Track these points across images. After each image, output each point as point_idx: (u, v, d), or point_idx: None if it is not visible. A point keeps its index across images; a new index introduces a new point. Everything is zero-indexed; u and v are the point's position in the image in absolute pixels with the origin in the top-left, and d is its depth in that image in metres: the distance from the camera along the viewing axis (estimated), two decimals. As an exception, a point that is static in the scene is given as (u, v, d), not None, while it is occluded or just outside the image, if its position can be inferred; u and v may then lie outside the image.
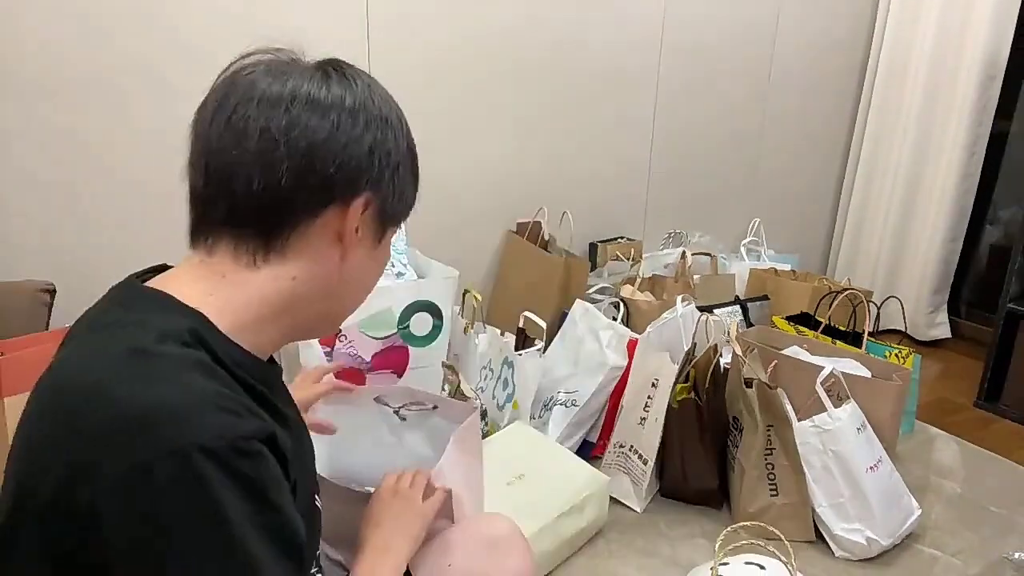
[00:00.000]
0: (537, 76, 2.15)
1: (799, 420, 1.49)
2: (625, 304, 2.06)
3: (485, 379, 1.79)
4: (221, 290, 0.60)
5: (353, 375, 1.70)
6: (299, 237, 0.61)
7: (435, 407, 1.11)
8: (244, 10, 1.67)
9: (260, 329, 0.62)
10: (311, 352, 1.66)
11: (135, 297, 0.60)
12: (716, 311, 1.98)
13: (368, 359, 1.72)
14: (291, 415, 0.67)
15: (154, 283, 0.61)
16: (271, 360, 0.68)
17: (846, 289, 1.94)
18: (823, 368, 1.51)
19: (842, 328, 1.97)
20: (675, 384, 1.56)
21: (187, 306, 0.58)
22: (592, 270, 2.28)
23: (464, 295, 1.93)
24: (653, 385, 1.60)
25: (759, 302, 2.21)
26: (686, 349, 1.62)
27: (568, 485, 1.44)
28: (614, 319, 1.94)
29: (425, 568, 0.85)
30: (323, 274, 0.63)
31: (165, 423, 0.49)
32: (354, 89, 0.62)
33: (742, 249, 2.59)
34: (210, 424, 0.51)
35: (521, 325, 1.77)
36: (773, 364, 1.62)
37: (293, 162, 0.58)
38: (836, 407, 1.47)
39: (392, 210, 0.66)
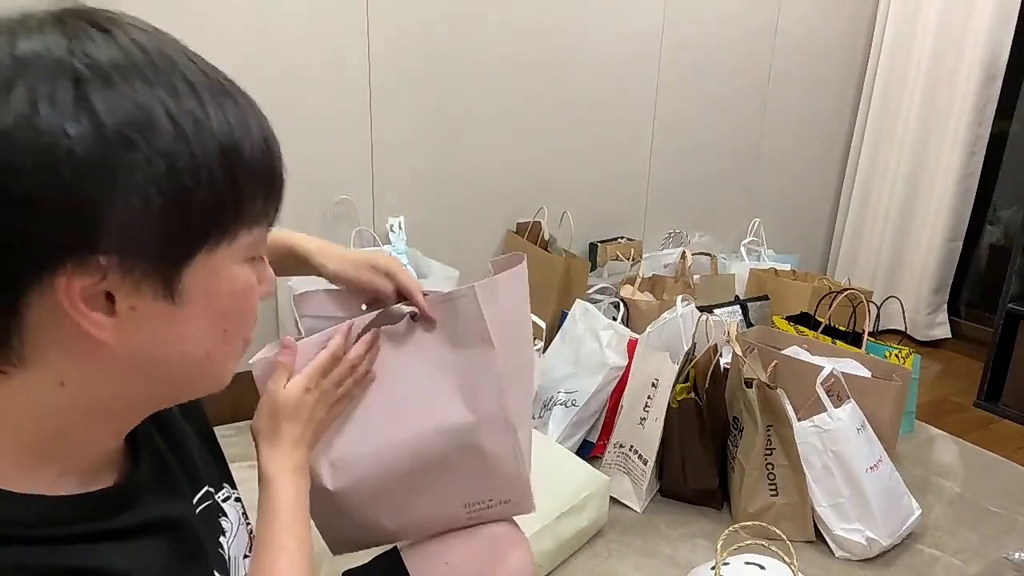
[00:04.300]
0: (537, 76, 2.15)
1: (799, 420, 1.49)
2: (625, 304, 2.06)
3: (485, 379, 1.79)
4: None
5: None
6: (32, 326, 0.43)
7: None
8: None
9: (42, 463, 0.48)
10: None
11: None
12: (716, 311, 1.98)
13: (368, 359, 1.71)
14: (175, 511, 0.57)
15: None
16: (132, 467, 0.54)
17: (846, 289, 1.94)
18: (823, 368, 1.51)
19: (842, 328, 1.97)
20: (675, 384, 1.56)
21: None
22: (592, 270, 2.28)
23: (464, 295, 1.93)
24: (653, 385, 1.60)
25: (759, 302, 2.21)
26: (686, 349, 1.62)
27: (568, 485, 1.44)
28: (614, 319, 1.94)
29: (422, 567, 0.84)
30: (103, 365, 0.46)
31: None
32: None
33: (742, 249, 2.59)
34: None
35: (521, 325, 1.77)
36: (773, 364, 1.62)
37: None
38: (836, 407, 1.47)
39: (167, 250, 0.44)
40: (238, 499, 0.69)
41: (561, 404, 1.75)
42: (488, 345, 0.76)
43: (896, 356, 1.85)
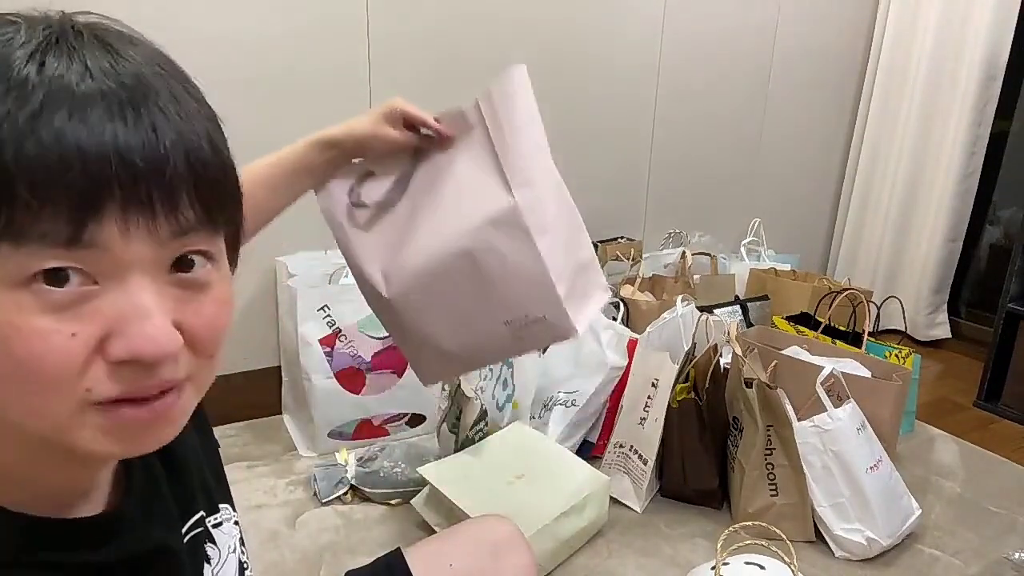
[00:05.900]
0: (537, 76, 2.13)
1: (799, 420, 1.49)
2: (625, 304, 2.06)
3: (484, 379, 1.79)
4: None
5: (354, 375, 1.70)
6: None
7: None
8: None
9: None
10: (311, 351, 1.66)
11: None
12: (716, 311, 1.98)
13: (368, 359, 1.72)
14: (161, 543, 0.53)
15: None
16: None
17: (846, 289, 1.94)
18: (823, 368, 1.51)
19: (842, 328, 1.98)
20: (675, 384, 1.56)
21: None
22: (592, 270, 2.28)
23: (464, 295, 1.92)
24: (653, 385, 1.60)
25: (759, 302, 2.21)
26: (686, 349, 1.62)
27: (568, 485, 1.44)
28: (614, 319, 1.94)
29: (426, 569, 0.85)
30: None
31: None
32: None
33: (742, 249, 2.59)
34: None
35: (521, 325, 1.77)
36: (773, 364, 1.62)
37: None
38: (836, 407, 1.47)
39: None
40: (236, 523, 0.66)
41: (561, 404, 1.75)
42: (491, 147, 0.84)
43: (896, 356, 1.85)
